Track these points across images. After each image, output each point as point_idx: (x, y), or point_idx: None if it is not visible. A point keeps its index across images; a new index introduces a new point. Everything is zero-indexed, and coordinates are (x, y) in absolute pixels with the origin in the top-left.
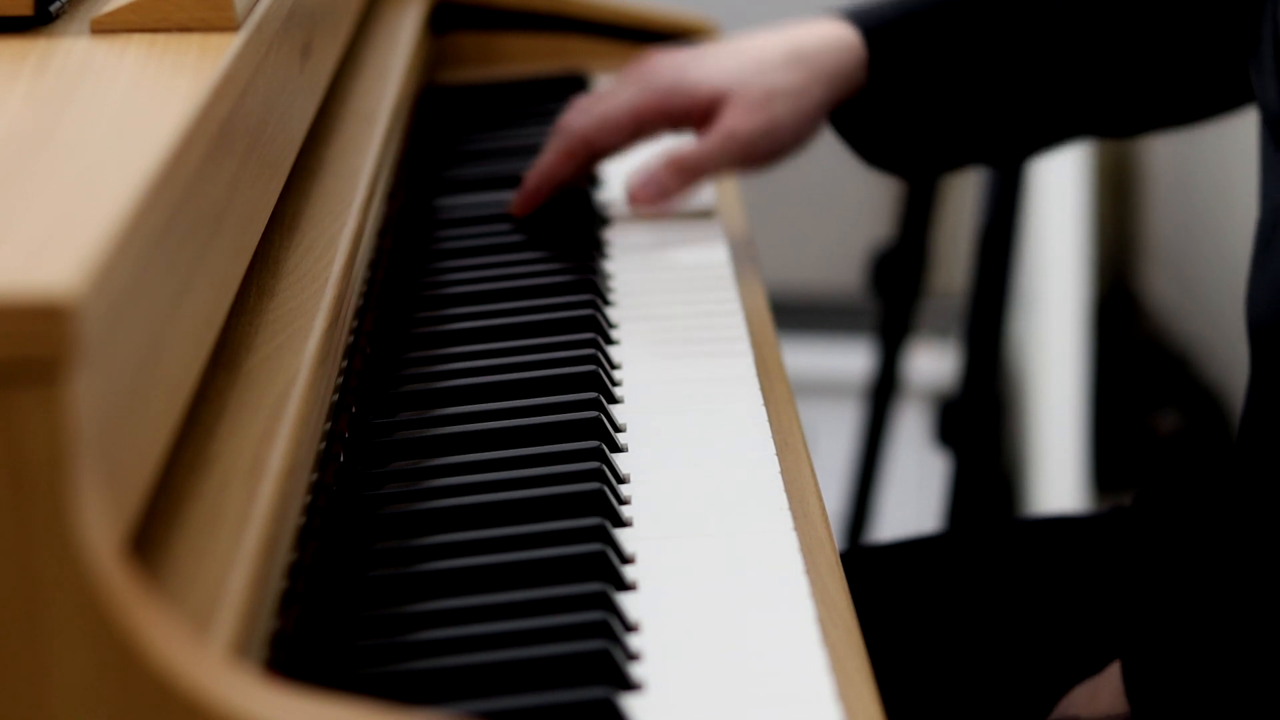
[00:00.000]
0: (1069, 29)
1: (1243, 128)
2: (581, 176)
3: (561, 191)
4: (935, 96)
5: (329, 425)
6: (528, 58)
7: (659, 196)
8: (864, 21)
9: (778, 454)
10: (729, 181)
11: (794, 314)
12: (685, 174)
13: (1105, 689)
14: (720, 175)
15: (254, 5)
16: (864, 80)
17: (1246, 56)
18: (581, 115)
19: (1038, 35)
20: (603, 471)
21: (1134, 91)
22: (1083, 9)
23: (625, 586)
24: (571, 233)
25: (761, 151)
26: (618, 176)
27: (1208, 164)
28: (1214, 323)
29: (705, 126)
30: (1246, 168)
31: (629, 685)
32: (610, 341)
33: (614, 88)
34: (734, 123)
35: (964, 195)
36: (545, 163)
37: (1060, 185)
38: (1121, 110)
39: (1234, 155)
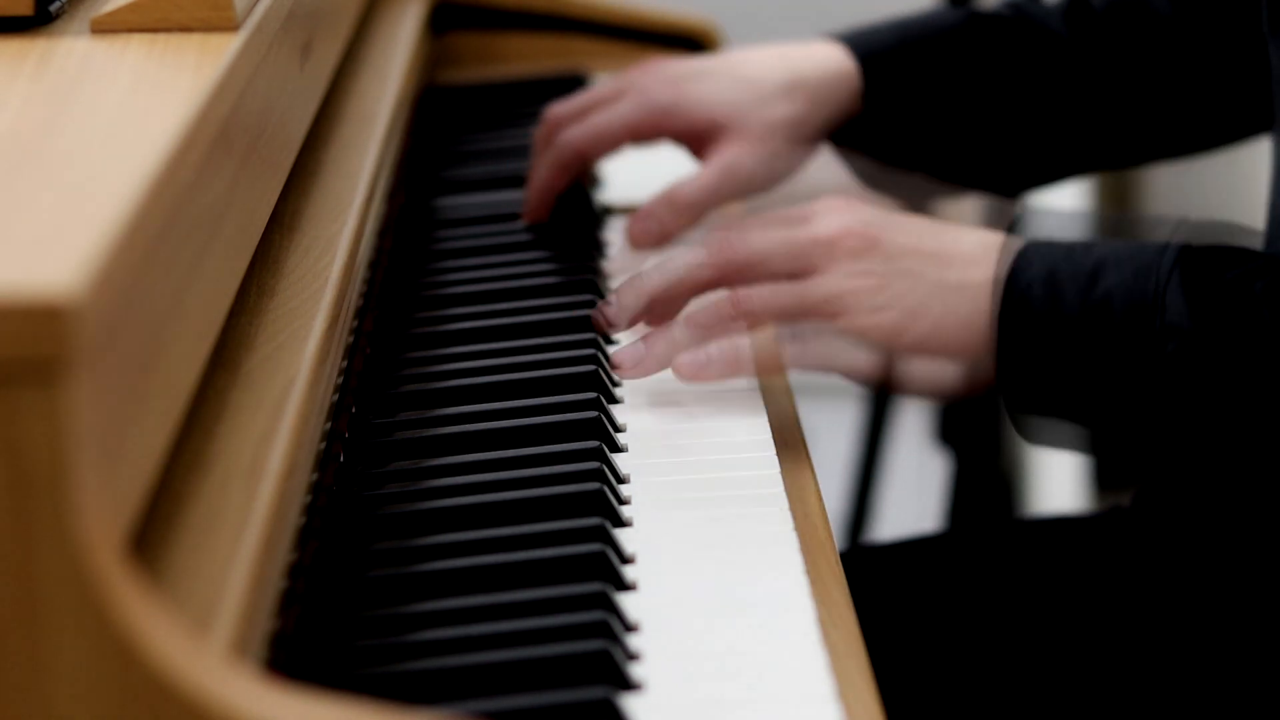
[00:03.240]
0: (1070, 61)
1: None
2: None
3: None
4: (928, 126)
5: (329, 425)
6: (528, 58)
7: (660, 237)
8: (860, 47)
9: (778, 454)
10: None
11: None
12: (684, 211)
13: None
14: (719, 207)
15: (254, 5)
16: (859, 108)
17: (1249, 85)
18: (575, 127)
19: (1038, 67)
20: (603, 471)
21: (1135, 124)
22: (1085, 41)
23: (625, 586)
24: (571, 233)
25: (760, 182)
26: (619, 175)
27: (1208, 164)
28: None
29: (702, 151)
30: (1247, 167)
31: (629, 685)
32: (610, 342)
33: (608, 93)
34: (733, 156)
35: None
36: (541, 177)
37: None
38: (1121, 142)
39: (1234, 155)
